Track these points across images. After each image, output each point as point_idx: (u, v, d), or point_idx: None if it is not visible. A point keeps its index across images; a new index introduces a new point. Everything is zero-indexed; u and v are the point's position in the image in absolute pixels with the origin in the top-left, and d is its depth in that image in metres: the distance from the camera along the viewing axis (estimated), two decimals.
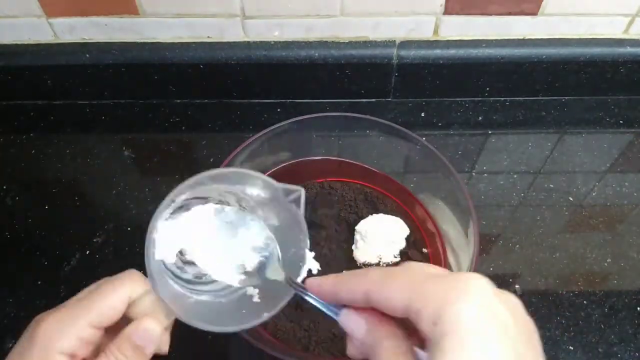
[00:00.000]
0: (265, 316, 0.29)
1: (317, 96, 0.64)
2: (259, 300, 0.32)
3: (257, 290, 0.32)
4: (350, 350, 0.26)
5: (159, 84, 0.63)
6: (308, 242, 0.31)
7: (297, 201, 0.30)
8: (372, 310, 0.25)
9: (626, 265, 0.49)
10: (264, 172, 0.48)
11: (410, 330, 0.24)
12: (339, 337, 0.39)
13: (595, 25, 0.59)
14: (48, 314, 0.27)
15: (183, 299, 0.31)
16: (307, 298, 0.28)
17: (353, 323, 0.25)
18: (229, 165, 0.43)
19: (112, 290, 0.28)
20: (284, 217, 0.32)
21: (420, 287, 0.22)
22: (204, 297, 0.32)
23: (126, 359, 0.27)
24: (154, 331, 0.28)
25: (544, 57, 0.60)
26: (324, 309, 0.27)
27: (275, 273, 0.32)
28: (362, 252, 0.43)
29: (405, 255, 0.44)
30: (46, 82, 0.62)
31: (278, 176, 0.48)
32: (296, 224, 0.31)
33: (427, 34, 0.60)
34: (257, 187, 0.31)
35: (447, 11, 0.57)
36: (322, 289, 0.27)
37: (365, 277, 0.25)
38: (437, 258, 0.44)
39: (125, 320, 0.28)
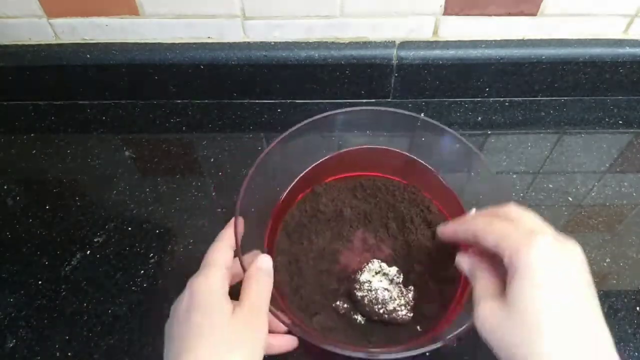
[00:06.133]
0: None
1: (317, 96, 0.64)
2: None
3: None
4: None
5: (159, 84, 0.63)
6: None
7: None
8: (476, 250, 0.35)
9: (625, 265, 0.49)
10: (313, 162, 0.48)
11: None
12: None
13: (595, 25, 0.59)
14: None
15: None
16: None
17: (463, 263, 0.36)
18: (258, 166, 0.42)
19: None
20: None
21: (506, 234, 0.32)
22: None
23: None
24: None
25: (544, 57, 0.60)
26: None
27: None
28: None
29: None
30: (47, 83, 0.63)
31: (328, 164, 0.49)
32: None
33: (426, 35, 0.60)
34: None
35: (447, 12, 0.57)
36: (446, 230, 0.38)
37: (474, 223, 0.35)
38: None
39: None
